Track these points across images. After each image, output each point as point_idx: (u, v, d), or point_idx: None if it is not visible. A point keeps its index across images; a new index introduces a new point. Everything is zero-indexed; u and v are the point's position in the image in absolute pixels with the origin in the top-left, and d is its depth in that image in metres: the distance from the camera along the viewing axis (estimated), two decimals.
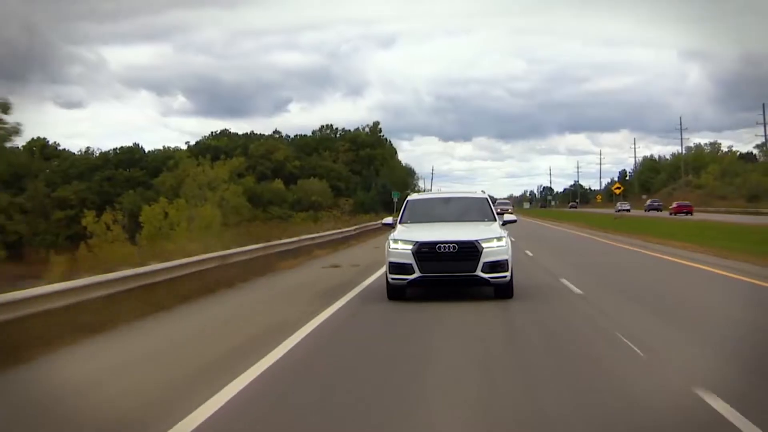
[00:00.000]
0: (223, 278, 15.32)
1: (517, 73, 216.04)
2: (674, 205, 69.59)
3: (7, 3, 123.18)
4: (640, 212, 73.45)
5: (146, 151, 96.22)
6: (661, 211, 72.59)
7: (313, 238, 26.20)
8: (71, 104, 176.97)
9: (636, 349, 8.29)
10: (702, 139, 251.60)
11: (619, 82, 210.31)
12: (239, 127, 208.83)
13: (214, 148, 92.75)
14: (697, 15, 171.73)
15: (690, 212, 65.03)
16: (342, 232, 31.88)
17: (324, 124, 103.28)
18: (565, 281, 15.18)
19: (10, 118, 37.11)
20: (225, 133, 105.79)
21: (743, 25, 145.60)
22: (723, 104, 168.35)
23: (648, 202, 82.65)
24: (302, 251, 23.35)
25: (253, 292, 15.07)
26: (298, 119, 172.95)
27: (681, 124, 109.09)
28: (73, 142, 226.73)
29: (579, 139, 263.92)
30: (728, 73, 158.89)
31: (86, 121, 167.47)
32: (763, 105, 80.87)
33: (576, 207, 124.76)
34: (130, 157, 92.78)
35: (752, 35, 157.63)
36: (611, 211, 76.54)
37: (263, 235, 23.70)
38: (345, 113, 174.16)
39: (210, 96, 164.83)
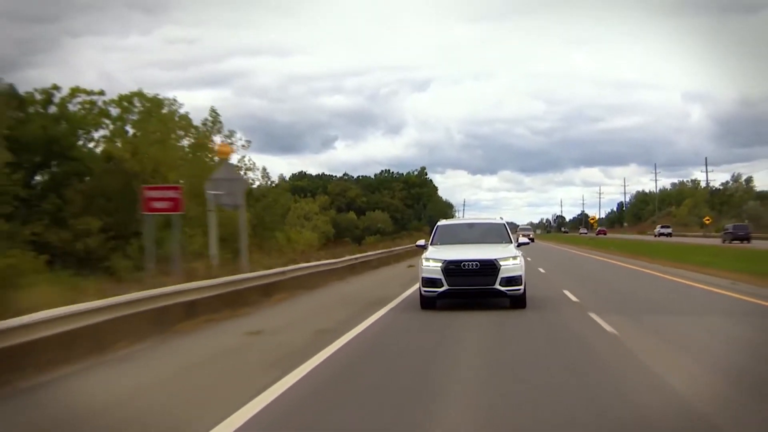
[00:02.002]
0: (398, 257, 39.29)
1: (538, 113, 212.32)
2: (597, 229, 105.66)
3: (85, 52, 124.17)
4: (614, 234, 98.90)
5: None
6: (606, 233, 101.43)
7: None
8: None
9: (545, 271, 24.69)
10: (703, 172, 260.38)
11: (629, 121, 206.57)
12: (291, 162, 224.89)
13: (300, 188, 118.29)
14: (699, 61, 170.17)
15: (605, 233, 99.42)
16: None
17: (383, 168, 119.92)
18: (540, 269, 25.11)
19: None
20: (303, 174, 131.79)
21: (740, 70, 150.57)
22: (721, 141, 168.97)
23: (597, 228, 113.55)
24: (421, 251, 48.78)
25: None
26: (344, 155, 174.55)
27: (656, 168, 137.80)
28: None
29: (593, 172, 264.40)
30: (726, 113, 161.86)
31: None
32: (705, 159, 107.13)
33: (567, 232, 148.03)
34: None
35: (748, 80, 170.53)
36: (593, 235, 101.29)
37: (396, 245, 51.49)
38: (384, 150, 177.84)
39: (265, 135, 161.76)
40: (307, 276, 18.73)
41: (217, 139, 37.54)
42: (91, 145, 41.81)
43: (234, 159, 40.48)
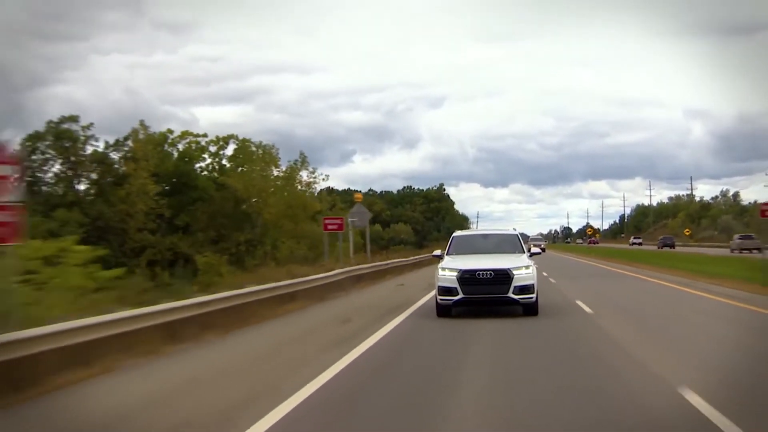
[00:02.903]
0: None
1: (547, 129, 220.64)
2: (589, 239, 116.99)
3: (113, 69, 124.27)
4: (605, 244, 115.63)
5: None
6: (597, 243, 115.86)
7: None
8: None
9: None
10: (704, 185, 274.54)
11: (634, 137, 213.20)
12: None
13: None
14: (699, 80, 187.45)
15: (596, 243, 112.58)
16: None
17: (399, 181, 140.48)
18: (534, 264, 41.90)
19: None
20: (330, 189, 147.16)
21: (738, 88, 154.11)
22: (721, 155, 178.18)
23: (590, 238, 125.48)
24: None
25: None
26: (362, 169, 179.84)
27: (650, 186, 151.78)
28: None
29: (600, 185, 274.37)
30: (725, 129, 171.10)
31: None
32: (691, 178, 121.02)
33: (569, 242, 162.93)
34: None
35: (746, 97, 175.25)
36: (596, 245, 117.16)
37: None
38: (401, 164, 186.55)
39: (286, 149, 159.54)
40: (397, 267, 32.91)
41: (304, 174, 51.90)
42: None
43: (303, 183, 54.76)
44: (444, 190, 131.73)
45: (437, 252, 17.31)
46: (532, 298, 14.92)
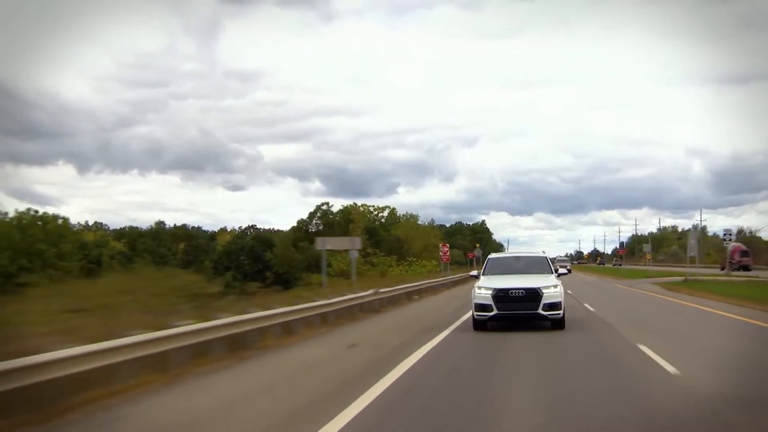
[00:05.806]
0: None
1: (567, 165, 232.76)
2: (579, 261, 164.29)
3: (189, 112, 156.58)
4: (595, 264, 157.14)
5: None
6: (585, 263, 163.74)
7: None
8: (236, 187, 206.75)
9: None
10: (706, 215, 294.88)
11: (642, 172, 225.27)
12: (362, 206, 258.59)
13: None
14: (699, 123, 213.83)
15: (585, 263, 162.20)
16: None
17: (456, 221, 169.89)
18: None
19: None
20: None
21: (733, 130, 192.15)
22: (716, 189, 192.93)
23: (580, 260, 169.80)
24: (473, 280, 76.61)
25: None
26: (405, 199, 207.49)
27: (636, 223, 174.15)
28: (235, 216, 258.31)
29: (612, 214, 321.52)
30: (721, 165, 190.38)
31: (247, 200, 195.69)
32: (659, 219, 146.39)
33: (575, 263, 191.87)
34: None
35: (739, 138, 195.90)
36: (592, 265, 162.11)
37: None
38: (439, 195, 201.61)
39: (339, 181, 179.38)
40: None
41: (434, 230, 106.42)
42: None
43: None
44: (485, 224, 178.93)
45: (474, 272, 19.61)
46: (559, 314, 16.72)
